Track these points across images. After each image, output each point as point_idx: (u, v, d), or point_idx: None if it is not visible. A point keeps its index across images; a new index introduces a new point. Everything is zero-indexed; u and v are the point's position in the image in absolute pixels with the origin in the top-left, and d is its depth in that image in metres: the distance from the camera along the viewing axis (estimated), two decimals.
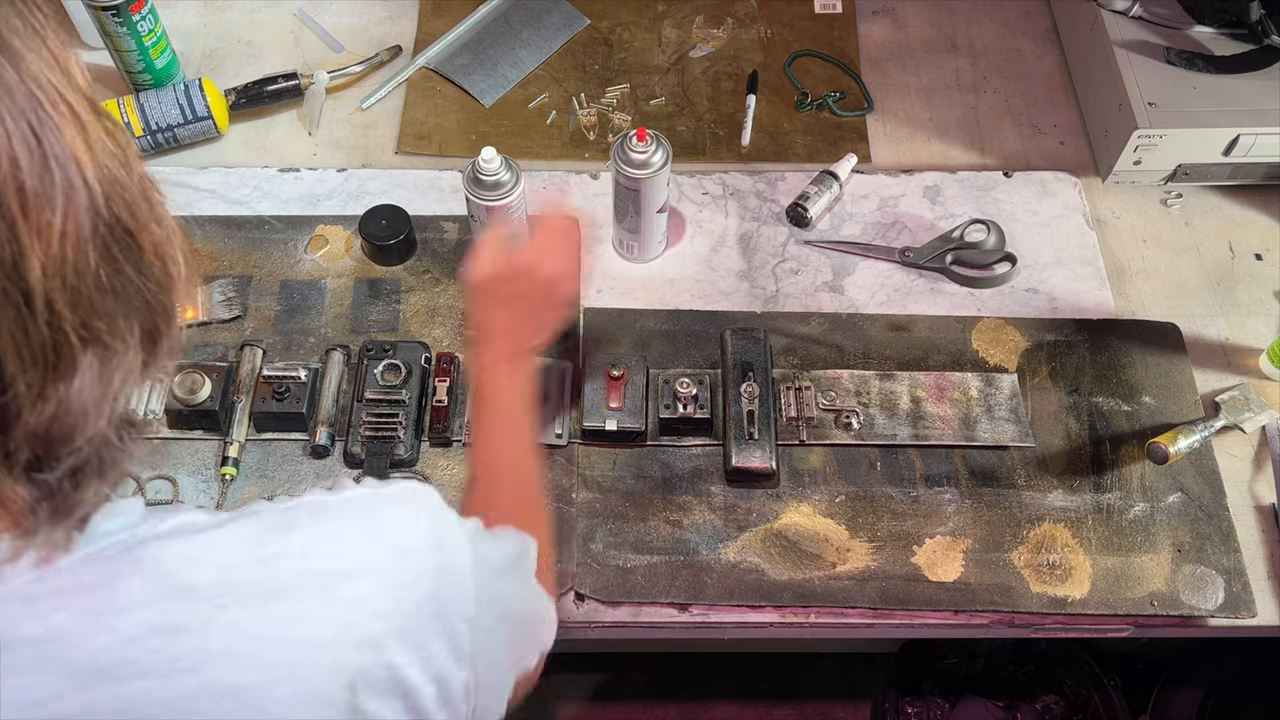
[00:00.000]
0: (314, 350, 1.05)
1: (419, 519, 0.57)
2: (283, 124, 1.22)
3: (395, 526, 0.56)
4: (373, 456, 0.97)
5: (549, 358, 1.04)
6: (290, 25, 1.31)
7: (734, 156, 1.22)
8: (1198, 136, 1.12)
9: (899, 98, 1.26)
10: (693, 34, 1.31)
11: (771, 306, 1.09)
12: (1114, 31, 1.18)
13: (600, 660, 1.66)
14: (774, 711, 1.65)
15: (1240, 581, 0.94)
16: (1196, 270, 1.13)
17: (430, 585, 0.55)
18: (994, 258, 1.11)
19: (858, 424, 1.01)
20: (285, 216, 1.13)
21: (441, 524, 0.58)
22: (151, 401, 1.00)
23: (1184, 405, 1.04)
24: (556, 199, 1.13)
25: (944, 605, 0.93)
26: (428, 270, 1.10)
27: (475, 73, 1.26)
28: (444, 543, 0.57)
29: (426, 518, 0.57)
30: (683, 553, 0.95)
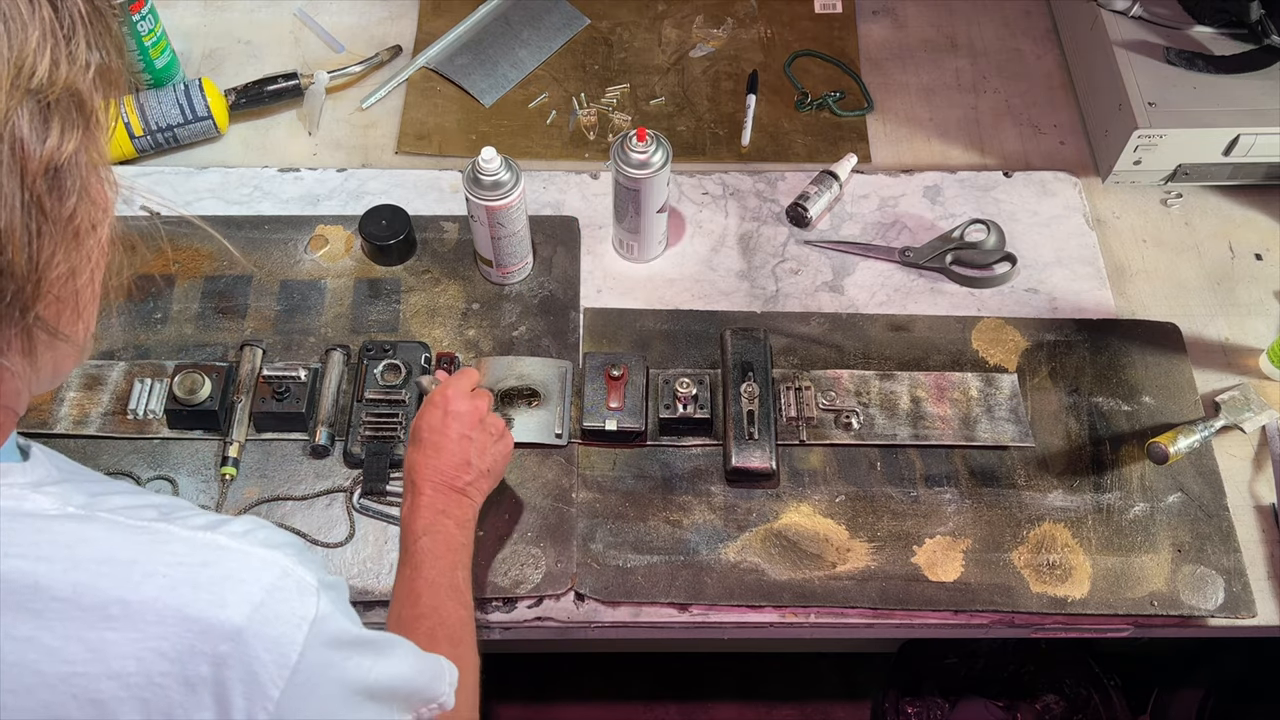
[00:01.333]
0: (314, 350, 1.05)
1: (247, 593, 0.50)
2: (283, 124, 1.22)
3: (209, 590, 0.50)
4: (373, 456, 0.97)
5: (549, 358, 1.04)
6: (290, 25, 1.31)
7: (734, 156, 1.22)
8: (1198, 136, 1.12)
9: (899, 98, 1.26)
10: (693, 34, 1.31)
11: (771, 306, 1.09)
12: (1114, 31, 1.18)
13: (600, 660, 1.66)
14: (774, 711, 1.65)
15: (1240, 581, 0.94)
16: (1196, 270, 1.13)
17: (210, 670, 0.49)
18: (994, 258, 1.11)
19: (858, 424, 1.01)
20: (285, 216, 1.13)
21: (278, 613, 0.51)
22: (151, 401, 1.00)
23: (1184, 405, 1.04)
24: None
25: (944, 605, 0.93)
26: (428, 270, 1.10)
27: (475, 73, 1.26)
28: (262, 634, 0.50)
29: (258, 596, 0.50)
30: (683, 553, 0.95)
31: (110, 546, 0.49)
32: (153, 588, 0.49)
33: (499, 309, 1.08)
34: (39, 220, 0.46)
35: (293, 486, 0.97)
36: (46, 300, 0.49)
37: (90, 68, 0.48)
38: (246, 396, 0.99)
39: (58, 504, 0.50)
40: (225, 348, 1.04)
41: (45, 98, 0.46)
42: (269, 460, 0.99)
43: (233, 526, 0.53)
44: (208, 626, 0.49)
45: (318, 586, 0.53)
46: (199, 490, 0.97)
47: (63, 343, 0.52)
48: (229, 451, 0.97)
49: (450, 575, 0.80)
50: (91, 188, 0.50)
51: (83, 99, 0.48)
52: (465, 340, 1.06)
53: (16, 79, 0.44)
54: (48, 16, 0.46)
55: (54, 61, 0.46)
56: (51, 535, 0.49)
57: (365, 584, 0.93)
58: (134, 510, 0.51)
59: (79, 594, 0.47)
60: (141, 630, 0.48)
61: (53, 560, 0.48)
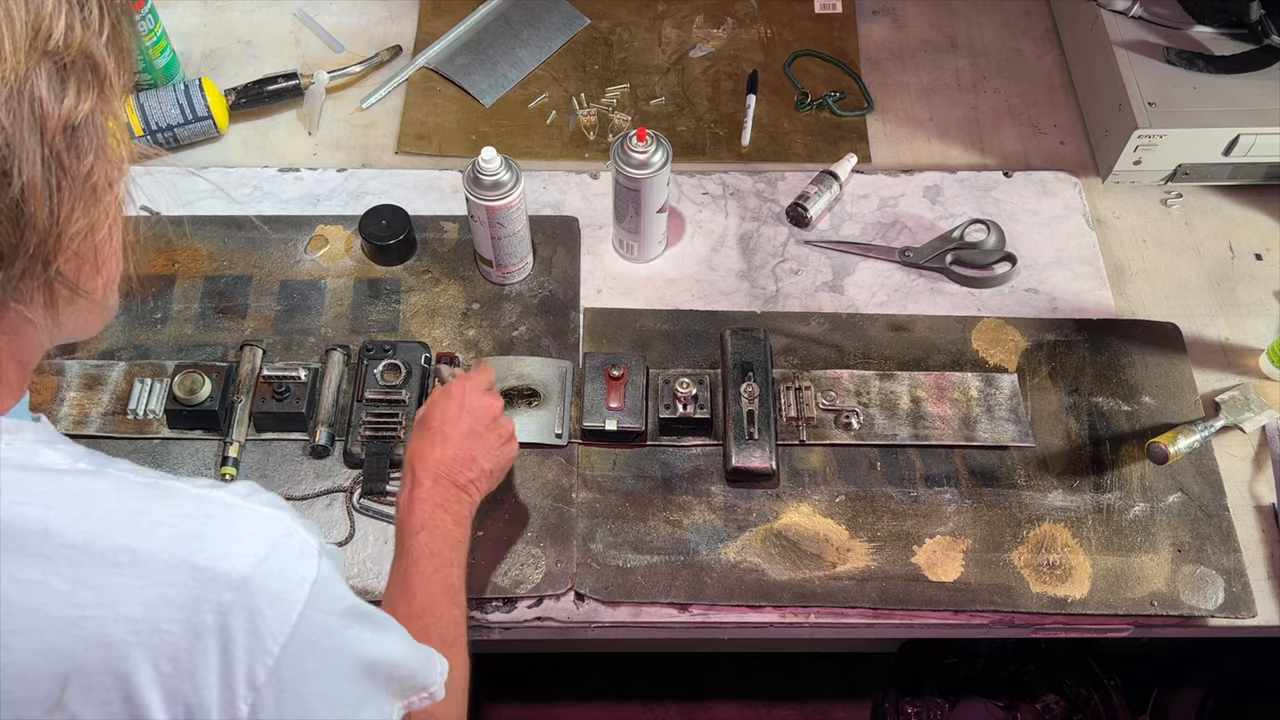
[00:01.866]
0: (314, 350, 1.05)
1: (252, 546, 0.51)
2: (283, 124, 1.22)
3: (214, 542, 0.50)
4: (373, 456, 0.97)
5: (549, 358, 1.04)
6: (290, 25, 1.31)
7: (734, 156, 1.22)
8: (1198, 136, 1.12)
9: (899, 98, 1.27)
10: (693, 34, 1.31)
11: (771, 306, 1.09)
12: (1114, 31, 1.18)
13: (600, 660, 1.66)
14: (774, 711, 1.65)
15: (1240, 581, 0.94)
16: (1196, 270, 1.13)
17: (215, 619, 0.49)
18: (994, 258, 1.11)
19: (858, 424, 1.01)
20: (285, 216, 1.13)
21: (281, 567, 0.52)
22: (151, 401, 1.00)
23: (1184, 405, 1.04)
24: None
25: (944, 605, 0.93)
26: (428, 270, 1.10)
27: (475, 73, 1.26)
28: (265, 587, 0.51)
29: (262, 550, 0.51)
30: (683, 553, 0.95)
31: (121, 497, 0.51)
32: (161, 537, 0.50)
33: (499, 309, 1.08)
34: (59, 175, 0.49)
35: (293, 486, 0.97)
36: (67, 255, 0.51)
37: (103, 32, 0.50)
38: (246, 396, 0.99)
39: (68, 460, 0.51)
40: (225, 348, 1.04)
41: (62, 59, 0.48)
42: (269, 460, 0.99)
43: (236, 487, 0.54)
44: (213, 575, 0.50)
45: (319, 549, 0.54)
46: None
47: (83, 299, 0.54)
48: (229, 451, 0.97)
49: (445, 574, 0.79)
50: (107, 147, 0.52)
51: (96, 62, 0.50)
52: (465, 340, 1.06)
53: (34, 40, 0.47)
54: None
55: (69, 25, 0.48)
56: (63, 487, 0.50)
57: (365, 584, 0.93)
58: (140, 470, 0.53)
59: (89, 540, 0.49)
60: (148, 578, 0.49)
61: (63, 508, 0.49)
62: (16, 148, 0.47)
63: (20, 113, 0.47)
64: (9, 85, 0.46)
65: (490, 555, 0.94)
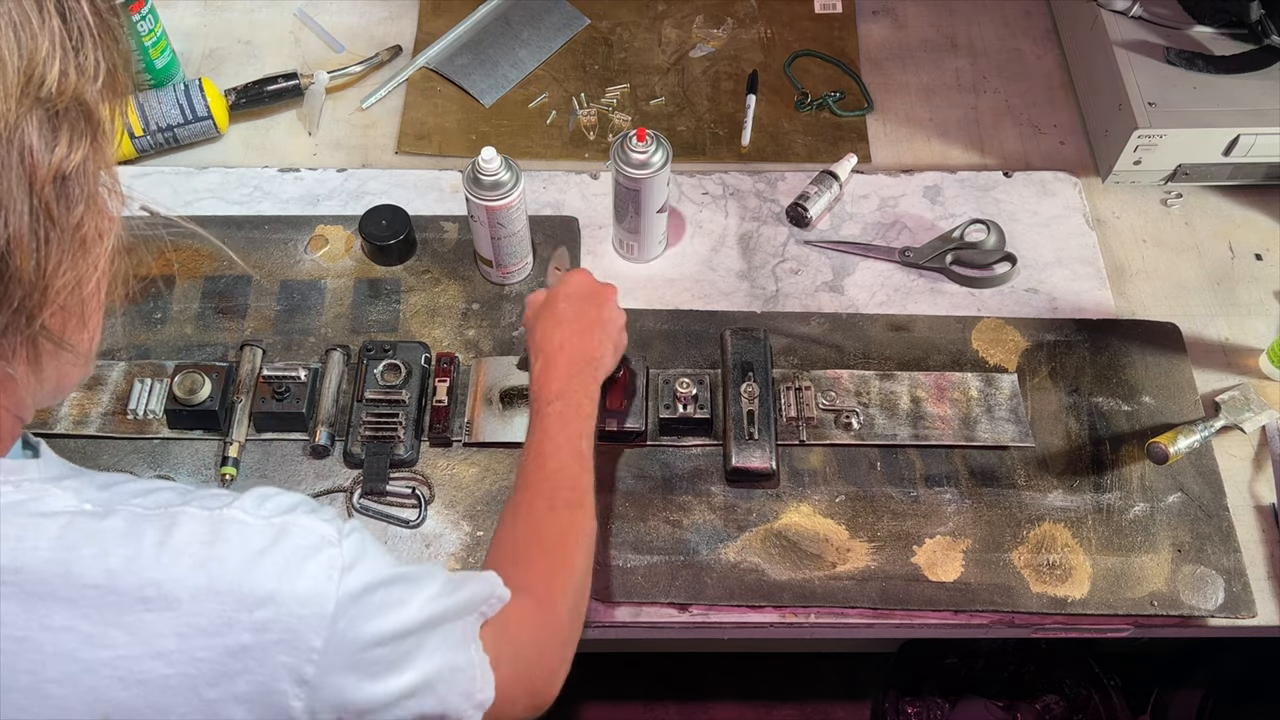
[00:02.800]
0: (314, 350, 1.05)
1: (271, 558, 0.52)
2: (283, 124, 1.22)
3: (235, 563, 0.51)
4: (373, 456, 0.97)
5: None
6: (290, 25, 1.31)
7: (734, 156, 1.22)
8: (1198, 136, 1.12)
9: (899, 98, 1.27)
10: (693, 34, 1.31)
11: (771, 306, 1.09)
12: (1114, 31, 1.18)
13: (600, 660, 1.66)
14: (774, 711, 1.65)
15: (1240, 581, 0.94)
16: (1196, 270, 1.13)
17: (252, 638, 0.50)
18: (994, 258, 1.11)
19: (858, 424, 1.01)
20: (285, 216, 1.13)
21: (305, 570, 0.52)
22: (151, 401, 1.00)
23: (1184, 405, 1.04)
24: None
25: (944, 605, 0.93)
26: (428, 270, 1.10)
27: (475, 73, 1.26)
28: (294, 593, 0.51)
29: (282, 559, 0.52)
30: (683, 553, 0.95)
31: (135, 533, 0.50)
32: (181, 567, 0.50)
33: (499, 309, 1.08)
34: (46, 228, 0.47)
35: (292, 486, 0.97)
36: (52, 309, 0.50)
37: (98, 78, 0.49)
38: (246, 396, 0.99)
39: (75, 500, 0.51)
40: (225, 348, 1.04)
41: (54, 107, 0.46)
42: (269, 460, 0.99)
43: (244, 502, 0.54)
44: (241, 596, 0.50)
45: (339, 537, 0.55)
46: None
47: (67, 353, 0.53)
48: (229, 451, 0.97)
49: (576, 442, 0.82)
50: (98, 197, 0.50)
51: (90, 108, 0.49)
52: (465, 340, 1.06)
53: (26, 88, 0.45)
54: (57, 27, 0.46)
55: (63, 71, 0.46)
56: (76, 529, 0.49)
57: None
58: (148, 497, 0.52)
59: (112, 579, 0.48)
60: (177, 609, 0.49)
61: (81, 550, 0.49)
62: (4, 199, 0.45)
63: (9, 162, 0.45)
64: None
65: None
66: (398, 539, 0.95)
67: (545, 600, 0.72)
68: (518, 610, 0.68)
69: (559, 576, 0.75)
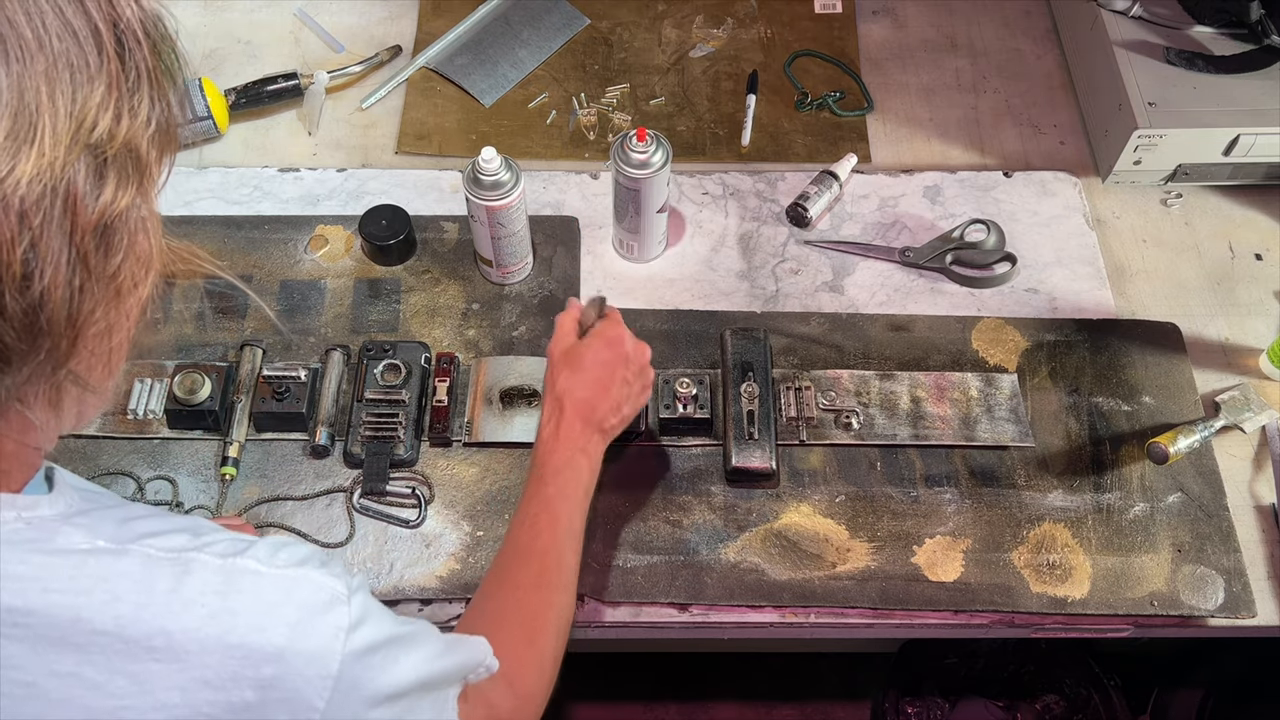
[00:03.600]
0: (314, 350, 1.05)
1: (282, 615, 0.51)
2: (283, 124, 1.22)
3: (246, 617, 0.50)
4: (373, 456, 0.97)
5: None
6: (290, 25, 1.31)
7: (734, 156, 1.22)
8: (1198, 136, 1.12)
9: (899, 98, 1.27)
10: (693, 34, 1.31)
11: (771, 306, 1.09)
12: (1114, 31, 1.18)
13: (600, 660, 1.66)
14: (774, 711, 1.65)
15: (1240, 581, 0.94)
16: (1196, 270, 1.13)
17: (255, 695, 0.49)
18: (994, 258, 1.11)
19: (858, 424, 1.01)
20: (285, 216, 1.13)
21: (315, 628, 0.52)
22: (151, 401, 1.00)
23: (1184, 405, 1.04)
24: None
25: (944, 605, 0.93)
26: (428, 270, 1.10)
27: (475, 73, 1.26)
28: (302, 651, 0.51)
29: (293, 616, 0.51)
30: (683, 553, 0.95)
31: (147, 578, 0.49)
32: (193, 618, 0.49)
33: (499, 309, 1.08)
34: (82, 277, 0.45)
35: (293, 486, 0.97)
36: (80, 356, 0.48)
37: (151, 123, 0.47)
38: (246, 396, 0.99)
39: (88, 537, 0.49)
40: (225, 348, 1.04)
41: (103, 153, 0.44)
42: (269, 460, 0.99)
43: (258, 550, 0.53)
44: (250, 652, 0.49)
45: (348, 594, 0.54)
46: (199, 490, 0.97)
47: (90, 394, 0.51)
48: (229, 451, 0.97)
49: (572, 519, 0.81)
50: (139, 245, 0.49)
51: (140, 155, 0.47)
52: (465, 340, 1.06)
53: (77, 133, 0.43)
54: (114, 70, 0.44)
55: (116, 116, 0.44)
56: (88, 570, 0.48)
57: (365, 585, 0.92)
58: (162, 538, 0.51)
59: (121, 626, 0.47)
60: (184, 661, 0.48)
61: (92, 594, 0.48)
62: (42, 250, 0.42)
63: (52, 212, 0.42)
64: (44, 183, 0.42)
65: (491, 555, 0.94)
66: (398, 539, 0.95)
67: (516, 677, 0.73)
68: (491, 683, 0.69)
69: (531, 655, 0.75)
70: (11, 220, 0.41)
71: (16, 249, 0.41)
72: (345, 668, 0.53)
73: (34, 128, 0.41)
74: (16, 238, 0.41)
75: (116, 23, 0.45)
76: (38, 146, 0.41)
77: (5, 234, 0.41)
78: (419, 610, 0.92)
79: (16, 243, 0.41)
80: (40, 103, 0.42)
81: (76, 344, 0.47)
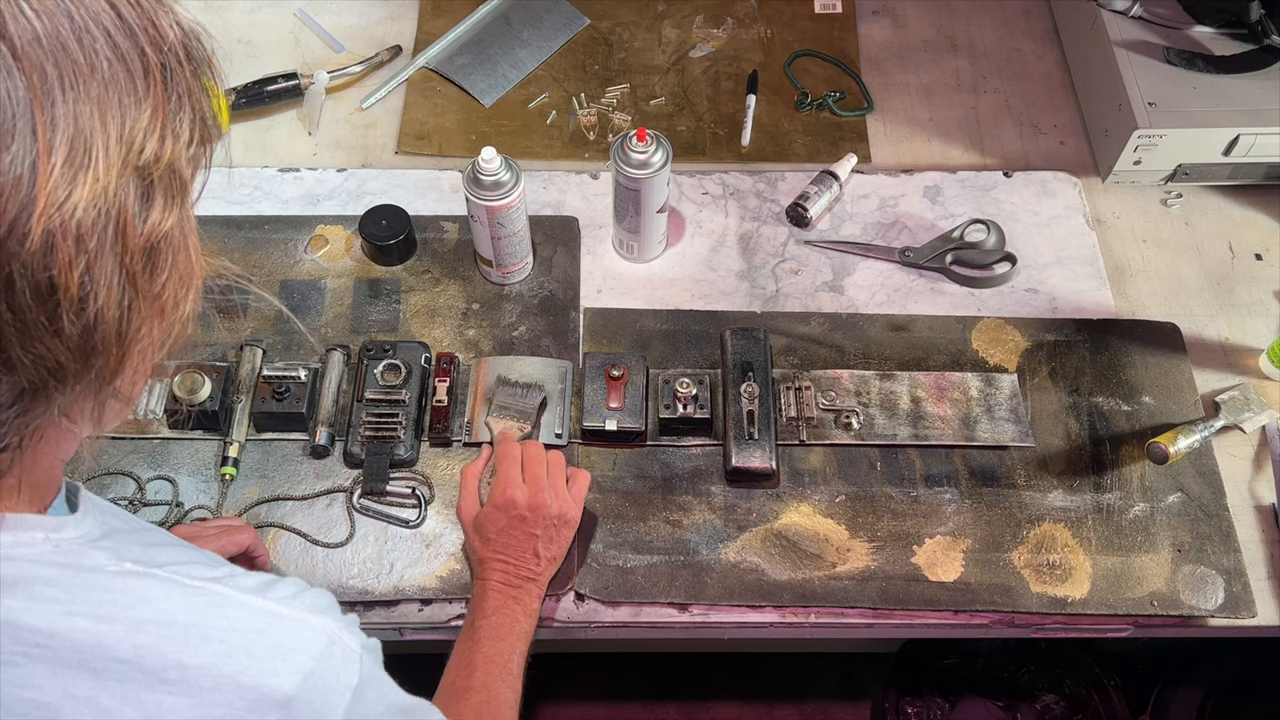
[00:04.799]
0: (314, 350, 1.05)
1: (298, 662, 0.51)
2: (283, 124, 1.22)
3: (262, 659, 0.50)
4: (373, 456, 0.97)
5: (549, 358, 1.04)
6: (290, 25, 1.31)
7: (734, 156, 1.22)
8: (1198, 136, 1.12)
9: (899, 98, 1.26)
10: (693, 34, 1.31)
11: (771, 306, 1.09)
12: (1114, 31, 1.18)
13: (600, 660, 1.66)
14: (774, 711, 1.65)
15: (1240, 581, 0.94)
16: (1196, 270, 1.13)
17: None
18: (994, 258, 1.11)
19: (858, 424, 1.01)
20: (285, 216, 1.13)
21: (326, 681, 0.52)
22: (151, 401, 1.00)
23: (1184, 405, 1.04)
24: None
25: (944, 605, 0.93)
26: (428, 270, 1.10)
27: (475, 73, 1.26)
28: (310, 702, 0.51)
29: (307, 665, 0.52)
30: (683, 553, 0.95)
31: (170, 607, 0.50)
32: (210, 654, 0.49)
33: (499, 309, 1.08)
34: (130, 296, 0.46)
35: (293, 486, 0.97)
36: (125, 372, 0.49)
37: (191, 142, 0.48)
38: (247, 396, 0.99)
39: (114, 559, 0.50)
40: (225, 348, 1.04)
41: (150, 174, 0.45)
42: (269, 460, 0.99)
43: (280, 590, 0.54)
44: (261, 695, 0.50)
45: (360, 652, 0.55)
46: (199, 490, 0.97)
47: (124, 406, 0.52)
48: (229, 451, 0.97)
49: (507, 658, 0.82)
50: (180, 263, 0.49)
51: (181, 175, 0.48)
52: (465, 340, 1.06)
53: (127, 157, 0.44)
54: (159, 93, 0.45)
55: (161, 138, 0.45)
56: (113, 594, 0.49)
57: (365, 584, 0.93)
58: (185, 567, 0.52)
59: (139, 655, 0.48)
60: (197, 697, 0.48)
61: (115, 620, 0.48)
62: (97, 272, 0.43)
63: (105, 236, 0.43)
64: (98, 207, 0.42)
65: None
66: (398, 539, 0.95)
67: None
68: None
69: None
70: (69, 244, 0.42)
71: (74, 272, 0.42)
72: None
73: (89, 153, 0.42)
74: (74, 261, 0.42)
75: (160, 45, 0.46)
76: (92, 171, 0.42)
77: (64, 258, 0.42)
78: (419, 610, 0.92)
79: (74, 266, 0.42)
80: (94, 128, 0.42)
81: (125, 362, 0.48)
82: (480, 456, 0.95)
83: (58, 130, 0.41)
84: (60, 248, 0.42)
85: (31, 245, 0.41)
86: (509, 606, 0.85)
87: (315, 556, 0.94)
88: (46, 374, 0.44)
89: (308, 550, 0.94)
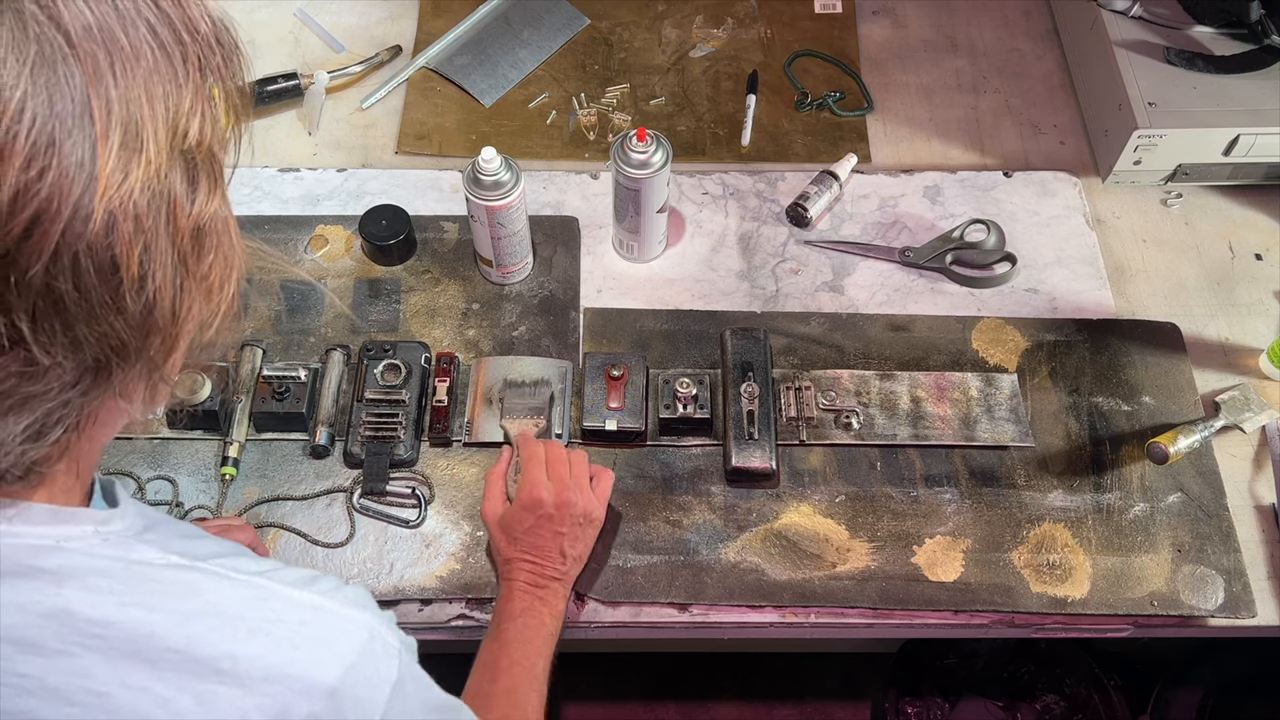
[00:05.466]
0: (314, 350, 1.05)
1: (341, 654, 0.52)
2: (283, 124, 1.22)
3: (308, 651, 0.51)
4: (373, 456, 0.97)
5: (549, 358, 1.04)
6: (290, 25, 1.31)
7: (734, 156, 1.22)
8: (1198, 136, 1.12)
9: (899, 98, 1.26)
10: (693, 34, 1.31)
11: (771, 306, 1.09)
12: (1114, 31, 1.18)
13: (600, 660, 1.66)
14: (774, 711, 1.65)
15: (1240, 581, 0.94)
16: (1196, 270, 1.13)
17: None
18: (994, 258, 1.11)
19: (858, 424, 1.01)
20: (285, 216, 1.13)
21: (367, 674, 0.53)
22: None
23: (1184, 405, 1.04)
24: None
25: (944, 605, 0.93)
26: (428, 270, 1.10)
27: (475, 73, 1.26)
28: (353, 695, 0.52)
29: (350, 658, 0.53)
30: (683, 553, 0.95)
31: (218, 599, 0.51)
32: (259, 645, 0.50)
33: (499, 309, 1.08)
34: (182, 276, 0.48)
35: (293, 486, 0.97)
36: (176, 352, 0.51)
37: (228, 126, 0.50)
38: (247, 396, 0.99)
39: (160, 553, 0.51)
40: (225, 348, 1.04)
41: (193, 157, 0.47)
42: (269, 460, 0.99)
43: (322, 584, 0.55)
44: (307, 686, 0.50)
45: (399, 648, 0.56)
46: (199, 490, 0.97)
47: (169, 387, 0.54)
48: (229, 451, 0.97)
49: (533, 661, 0.82)
50: (223, 245, 0.51)
51: (219, 160, 0.50)
52: (465, 340, 1.06)
53: (173, 140, 0.46)
54: (196, 78, 0.47)
55: (201, 122, 0.47)
56: (164, 586, 0.50)
57: (365, 584, 0.92)
58: (229, 560, 0.53)
59: (192, 646, 0.49)
60: (247, 687, 0.49)
61: (167, 611, 0.49)
62: (154, 252, 0.46)
63: (159, 216, 0.45)
64: (151, 189, 0.44)
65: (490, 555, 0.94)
66: (398, 539, 0.95)
67: None
68: None
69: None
70: (129, 225, 0.44)
71: (134, 251, 0.44)
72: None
73: (140, 137, 0.44)
74: (133, 240, 0.44)
75: (195, 33, 0.47)
76: (144, 154, 0.44)
77: (124, 237, 0.44)
78: (419, 610, 0.92)
79: (134, 245, 0.44)
80: (144, 112, 0.44)
81: (177, 341, 0.50)
82: (501, 459, 0.95)
83: (112, 115, 0.43)
84: (120, 228, 0.43)
85: (95, 226, 0.42)
86: (535, 608, 0.85)
87: (315, 556, 0.94)
88: (110, 352, 0.46)
89: (308, 550, 0.94)
